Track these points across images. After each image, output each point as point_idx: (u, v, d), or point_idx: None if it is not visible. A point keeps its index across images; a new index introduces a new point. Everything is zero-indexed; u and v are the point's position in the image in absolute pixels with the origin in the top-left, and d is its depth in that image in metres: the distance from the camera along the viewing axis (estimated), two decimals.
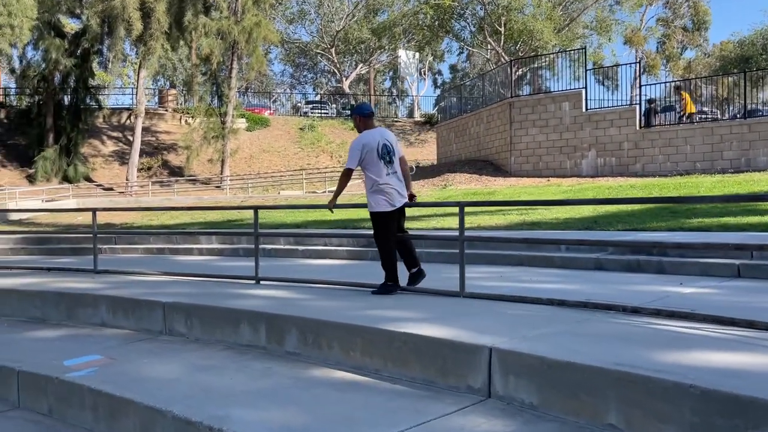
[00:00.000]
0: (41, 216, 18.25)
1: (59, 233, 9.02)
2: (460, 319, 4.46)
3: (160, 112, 38.87)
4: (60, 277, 7.59)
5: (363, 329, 4.31)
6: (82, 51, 29.84)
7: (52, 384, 4.33)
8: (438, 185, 21.71)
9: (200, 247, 11.06)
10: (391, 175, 5.53)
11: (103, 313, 6.01)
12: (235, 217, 15.38)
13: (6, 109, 35.78)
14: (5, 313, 6.56)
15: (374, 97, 54.59)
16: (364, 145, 5.49)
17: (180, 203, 22.50)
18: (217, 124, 30.84)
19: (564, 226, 10.17)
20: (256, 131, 37.65)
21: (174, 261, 9.92)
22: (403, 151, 6.25)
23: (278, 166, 34.06)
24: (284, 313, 4.86)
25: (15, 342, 5.45)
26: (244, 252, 10.52)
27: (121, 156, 33.95)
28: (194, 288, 6.45)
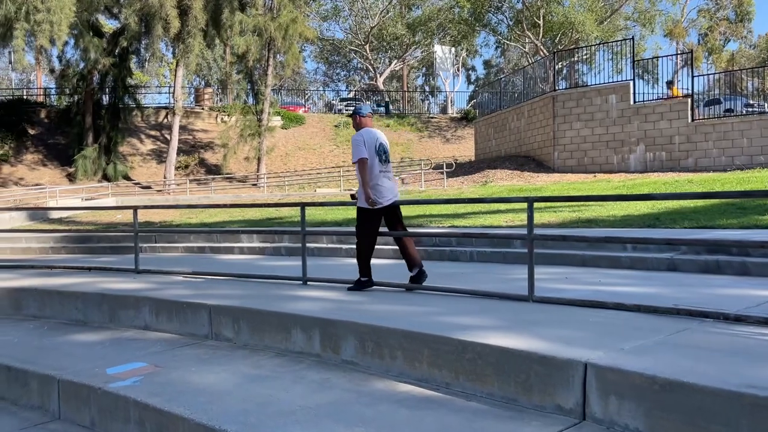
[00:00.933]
0: (81, 214, 18.32)
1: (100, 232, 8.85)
2: (537, 327, 4.01)
3: (196, 111, 39.07)
4: (101, 277, 7.37)
5: (431, 338, 3.90)
6: (120, 50, 30.07)
7: (95, 395, 4.03)
8: (478, 182, 21.18)
9: (241, 246, 10.81)
10: (384, 173, 5.71)
11: (146, 316, 5.73)
12: (274, 215, 15.16)
13: (46, 109, 36.37)
14: (46, 315, 6.34)
15: (408, 93, 54.08)
16: (365, 140, 5.64)
17: (218, 201, 22.44)
18: (253, 122, 30.77)
19: (622, 223, 9.59)
20: (291, 129, 37.56)
21: (216, 260, 9.67)
22: (440, 147, 6.07)
23: (314, 163, 33.89)
24: (340, 319, 4.48)
25: (56, 347, 5.19)
26: (286, 251, 10.23)
27: (158, 154, 34.20)
28: (240, 289, 6.13)
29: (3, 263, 9.04)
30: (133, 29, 27.23)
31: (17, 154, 31.90)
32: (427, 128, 39.97)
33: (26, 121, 33.98)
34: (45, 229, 9.84)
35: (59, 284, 6.76)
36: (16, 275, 7.80)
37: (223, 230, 7.81)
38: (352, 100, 46.74)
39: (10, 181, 29.50)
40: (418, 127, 39.93)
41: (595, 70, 44.56)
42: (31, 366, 4.57)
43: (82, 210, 18.08)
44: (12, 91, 48.47)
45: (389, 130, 38.79)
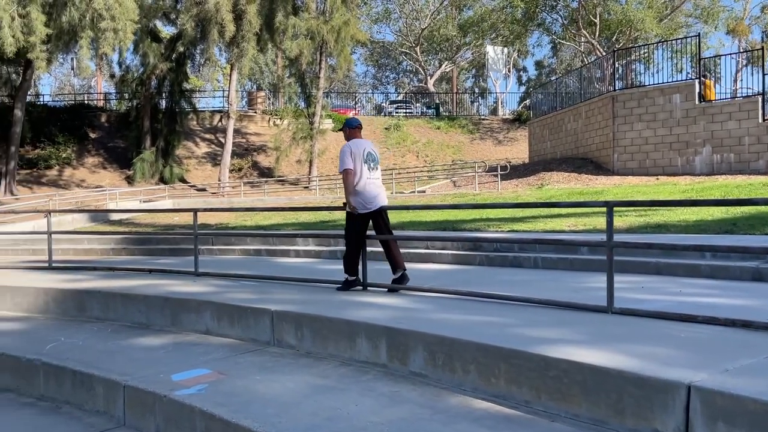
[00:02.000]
0: (139, 216, 18.73)
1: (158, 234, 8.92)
2: (623, 342, 3.72)
3: (249, 114, 39.67)
4: (162, 280, 7.39)
5: (508, 352, 3.66)
6: (177, 55, 30.77)
7: (161, 402, 3.95)
8: (533, 184, 20.67)
9: (297, 249, 10.76)
10: (371, 180, 6.10)
11: (207, 320, 5.68)
12: (328, 218, 15.11)
13: (107, 114, 37.58)
14: (110, 317, 6.38)
15: (457, 95, 53.59)
16: (353, 150, 6.06)
17: (271, 204, 22.63)
18: (305, 125, 31.00)
19: (696, 229, 9.08)
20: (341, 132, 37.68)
21: (273, 263, 9.64)
22: (492, 149, 6.30)
23: None
24: (408, 328, 4.29)
25: (120, 351, 5.18)
26: (342, 255, 10.09)
27: (213, 157, 34.83)
28: (300, 293, 6.02)
29: (67, 264, 9.23)
30: (189, 34, 27.81)
31: (79, 157, 33.02)
32: (478, 130, 39.46)
33: (87, 125, 35.18)
34: (106, 231, 10.02)
35: (122, 286, 6.80)
36: (80, 276, 7.92)
37: (281, 233, 7.75)
38: (402, 103, 46.63)
39: (72, 183, 30.55)
40: (469, 129, 39.46)
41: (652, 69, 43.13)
42: (96, 370, 4.55)
43: (141, 212, 18.50)
44: (74, 96, 50.42)
45: (440, 132, 38.48)
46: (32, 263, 9.63)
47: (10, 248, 13.31)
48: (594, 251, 7.73)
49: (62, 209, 18.51)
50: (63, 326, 6.23)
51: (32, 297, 6.96)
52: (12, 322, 6.52)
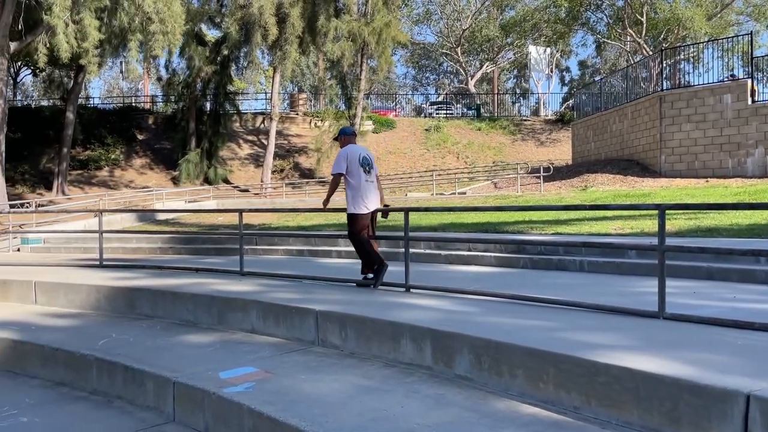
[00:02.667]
0: (185, 216, 19.15)
1: (204, 233, 9.10)
2: (676, 349, 3.62)
3: (291, 116, 40.15)
4: (208, 278, 7.53)
5: (557, 357, 3.60)
6: (221, 58, 31.37)
7: (209, 399, 4.02)
8: (577, 186, 20.32)
9: (339, 250, 10.83)
10: (369, 183, 6.54)
11: (253, 319, 5.76)
12: None
13: (154, 116, 38.57)
14: (158, 314, 6.53)
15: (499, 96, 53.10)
16: (348, 155, 6.48)
17: (313, 205, 22.83)
18: None
19: (749, 233, 8.78)
20: (382, 133, 37.78)
21: (316, 264, 9.72)
22: (533, 151, 6.51)
23: (404, 167, 33.90)
24: (454, 331, 4.26)
25: (169, 348, 5.30)
26: (384, 256, 10.12)
27: (255, 158, 35.37)
28: (343, 294, 6.05)
29: (117, 263, 9.49)
30: (233, 37, 28.30)
31: (127, 158, 33.97)
32: (520, 131, 39.02)
33: (135, 127, 36.18)
34: (153, 231, 10.26)
35: (170, 285, 6.95)
36: (129, 274, 8.13)
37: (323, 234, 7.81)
38: (442, 104, 46.49)
39: (121, 183, 31.45)
40: (511, 130, 39.05)
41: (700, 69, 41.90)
42: (147, 366, 4.66)
43: (186, 212, 18.89)
44: (122, 99, 51.86)
45: (480, 134, 38.20)
46: (84, 261, 9.94)
47: (62, 246, 13.77)
48: (643, 255, 7.55)
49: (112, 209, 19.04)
50: (114, 323, 6.41)
51: (84, 294, 7.18)
52: (65, 318, 6.75)
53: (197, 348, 5.28)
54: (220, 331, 5.88)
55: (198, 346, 5.36)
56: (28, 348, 5.61)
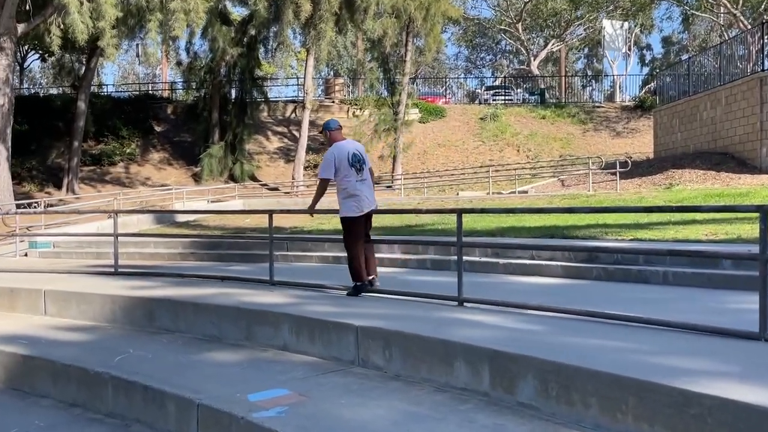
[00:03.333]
0: (208, 218, 19.53)
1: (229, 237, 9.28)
2: None
3: (326, 104, 40.47)
4: (235, 288, 7.68)
5: (638, 384, 3.55)
6: (248, 39, 31.89)
7: (237, 424, 4.11)
8: (660, 184, 19.91)
9: (380, 257, 10.85)
10: (361, 182, 6.87)
11: (285, 335, 5.85)
12: (414, 222, 15.19)
13: (173, 105, 39.47)
14: (180, 328, 6.69)
15: (566, 78, 52.41)
16: (336, 156, 6.85)
17: None
18: (388, 116, 31.28)
19: None
20: (430, 122, 37.75)
21: None
22: (607, 142, 6.56)
23: (455, 162, 33.81)
24: (516, 352, 4.25)
25: (192, 365, 5.43)
26: (432, 264, 10.15)
27: (286, 153, 35.81)
28: (388, 308, 6.08)
29: (134, 270, 9.76)
30: (262, 15, 28.74)
31: (144, 152, 34.86)
32: (592, 119, 38.43)
33: (152, 118, 37.09)
34: (173, 234, 10.52)
35: (192, 295, 7.11)
36: (147, 283, 8.35)
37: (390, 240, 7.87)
38: (500, 89, 46.21)
39: (137, 180, 32.29)
40: (581, 118, 38.50)
41: None
42: (167, 386, 4.79)
43: (210, 213, 19.27)
44: (138, 87, 53.30)
45: (545, 123, 37.78)
46: (97, 268, 10.25)
47: (74, 251, 14.23)
48: (740, 265, 7.35)
49: (127, 210, 19.60)
50: (131, 337, 6.60)
51: (98, 305, 7.41)
52: (78, 331, 6.98)
53: (223, 366, 5.38)
54: (248, 348, 5.99)
55: (224, 364, 5.47)
56: (37, 364, 5.82)
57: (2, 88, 21.54)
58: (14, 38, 21.73)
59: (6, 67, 21.66)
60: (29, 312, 7.95)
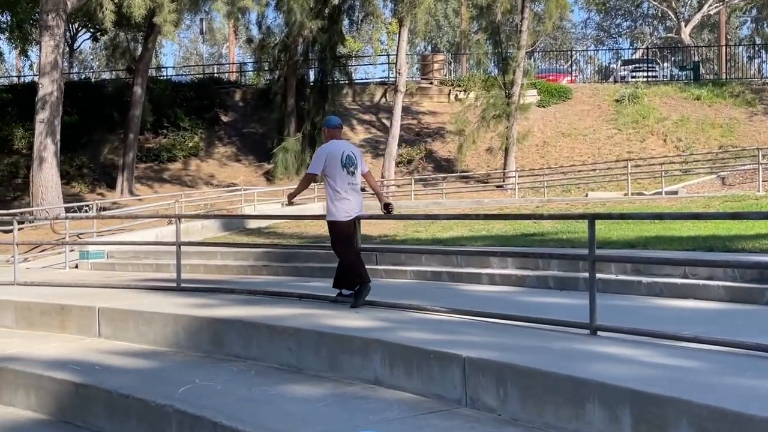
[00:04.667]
0: (282, 224, 20.00)
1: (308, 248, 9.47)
2: None
3: (422, 86, 40.61)
4: (315, 308, 7.84)
5: None
6: (330, 10, 32.49)
7: None
8: None
9: (490, 273, 10.82)
10: (351, 186, 7.88)
11: (376, 366, 5.93)
12: (532, 230, 15.03)
13: (241, 90, 40.68)
14: (252, 355, 6.89)
15: (727, 49, 50.49)
16: (328, 153, 7.88)
17: (453, 209, 23.00)
18: (499, 99, 31.05)
19: None
20: (551, 106, 37.25)
21: (458, 291, 9.79)
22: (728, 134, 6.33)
23: (583, 155, 33.20)
24: (666, 394, 4.17)
25: (267, 400, 5.58)
26: (555, 282, 10.02)
27: (374, 145, 36.20)
28: (501, 336, 6.06)
29: (199, 285, 10.11)
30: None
31: (208, 146, 36.11)
32: (761, 101, 36.84)
33: (218, 106, 38.32)
34: (244, 244, 10.84)
35: (266, 316, 7.31)
36: (214, 301, 8.64)
37: (468, 250, 7.88)
38: (641, 63, 45.10)
39: (199, 179, 33.49)
40: (746, 99, 36.96)
41: None
42: (240, 424, 4.95)
43: (285, 219, 19.73)
44: (202, 69, 55.24)
45: (700, 105, 36.52)
46: (157, 282, 10.68)
47: (129, 262, 14.90)
48: None
49: (191, 214, 20.35)
50: (196, 364, 6.85)
51: (160, 326, 7.73)
52: (137, 357, 7.31)
53: (303, 402, 5.51)
54: (332, 380, 6.10)
55: (304, 399, 5.59)
56: (92, 393, 6.14)
57: (50, 74, 22.88)
58: (63, 15, 22.98)
59: (54, 49, 22.96)
60: (81, 333, 8.38)
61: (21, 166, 32.02)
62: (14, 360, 7.19)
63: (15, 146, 34.23)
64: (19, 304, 9.08)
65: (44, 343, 8.07)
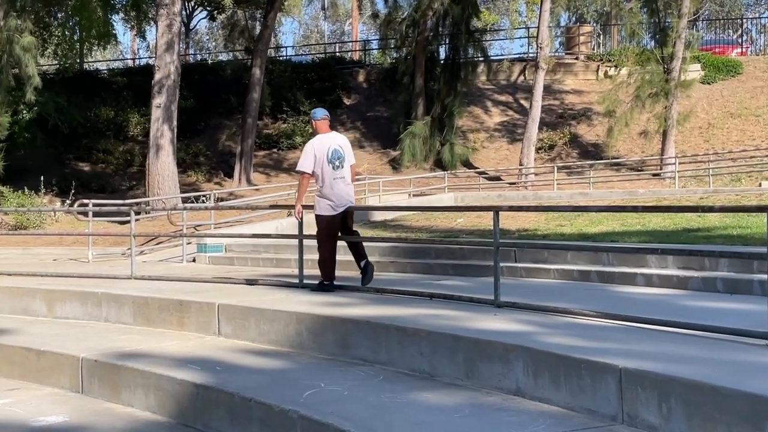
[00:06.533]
0: (411, 216, 20.10)
1: (439, 243, 9.49)
2: None
3: (565, 62, 40.01)
4: (447, 309, 7.84)
5: None
6: None
7: None
8: None
9: (647, 273, 10.53)
10: (338, 180, 9.00)
11: (518, 375, 5.88)
12: (695, 224, 14.54)
13: (365, 71, 41.20)
14: (380, 359, 6.97)
15: None
16: (315, 148, 9.00)
17: (601, 200, 22.52)
18: (656, 75, 30.16)
19: None
20: (717, 83, 35.95)
21: (609, 293, 9.58)
22: None
23: (756, 139, 31.87)
24: None
25: (398, 408, 5.64)
26: (724, 285, 9.65)
27: (509, 130, 35.93)
28: (662, 345, 5.91)
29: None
30: None
31: None
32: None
33: (340, 88, 38.91)
34: (369, 237, 10.97)
35: (395, 317, 7.37)
36: (338, 299, 8.79)
37: (619, 247, 7.68)
38: None
39: None
40: None
41: None
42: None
43: (412, 211, 19.84)
44: (324, 48, 56.27)
45: None
46: (277, 278, 10.96)
47: (248, 256, 15.34)
48: None
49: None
50: (321, 367, 6.99)
51: (281, 325, 7.93)
52: (258, 357, 7.52)
53: (437, 411, 5.53)
54: (468, 389, 6.10)
55: (438, 408, 5.61)
56: (213, 396, 6.37)
57: (163, 57, 23.81)
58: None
59: (167, 29, 23.86)
60: (200, 331, 8.70)
61: (136, 154, 33.58)
62: (133, 358, 7.53)
63: (130, 133, 35.92)
64: (138, 299, 9.50)
65: (162, 340, 8.43)
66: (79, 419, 6.81)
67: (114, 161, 33.77)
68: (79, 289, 10.37)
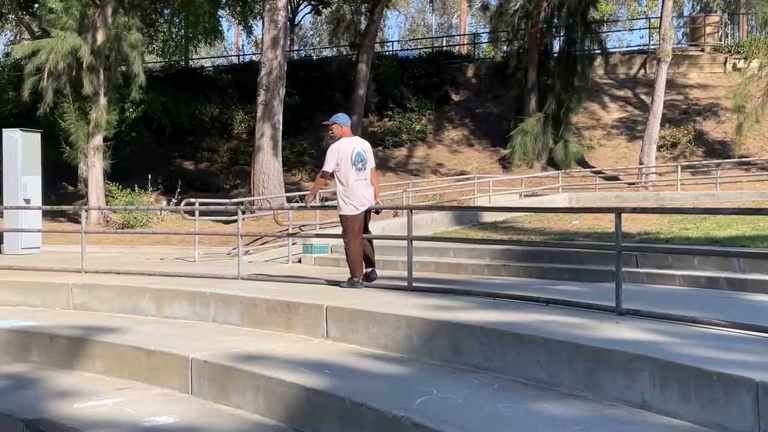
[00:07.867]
0: (523, 218, 19.99)
1: (554, 245, 9.40)
2: None
3: (690, 54, 39.05)
4: (565, 316, 7.77)
5: None
6: None
7: None
8: None
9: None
10: (360, 181, 9.87)
11: (644, 386, 5.79)
12: None
13: (474, 65, 41.04)
14: (495, 367, 6.96)
15: None
16: (340, 150, 9.85)
17: (726, 202, 21.89)
18: None
19: None
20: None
21: (742, 302, 9.34)
22: None
23: None
24: None
25: (515, 419, 5.62)
26: None
27: (628, 126, 35.25)
28: None
29: (431, 285, 10.36)
30: None
31: (436, 129, 36.79)
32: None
33: (449, 83, 38.89)
34: (480, 239, 10.94)
35: (510, 323, 7.35)
36: (448, 303, 8.81)
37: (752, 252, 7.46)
38: None
39: (426, 167, 34.20)
40: None
41: None
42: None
43: (524, 212, 19.71)
44: (431, 42, 56.37)
45: None
46: (385, 281, 11.05)
47: None
48: None
49: (422, 205, 20.84)
50: (432, 373, 7.02)
51: (391, 328, 7.99)
52: (368, 361, 7.60)
53: (557, 423, 5.50)
54: (589, 401, 6.04)
55: (557, 420, 5.58)
56: (323, 400, 6.46)
57: (272, 51, 24.26)
58: None
59: (273, 24, 24.27)
60: (308, 333, 8.85)
61: (240, 152, 34.29)
62: (241, 359, 7.70)
63: (234, 131, 36.70)
64: (245, 300, 9.71)
65: (270, 342, 8.61)
66: (189, 420, 7.00)
67: (218, 160, 34.58)
68: (187, 288, 10.65)
